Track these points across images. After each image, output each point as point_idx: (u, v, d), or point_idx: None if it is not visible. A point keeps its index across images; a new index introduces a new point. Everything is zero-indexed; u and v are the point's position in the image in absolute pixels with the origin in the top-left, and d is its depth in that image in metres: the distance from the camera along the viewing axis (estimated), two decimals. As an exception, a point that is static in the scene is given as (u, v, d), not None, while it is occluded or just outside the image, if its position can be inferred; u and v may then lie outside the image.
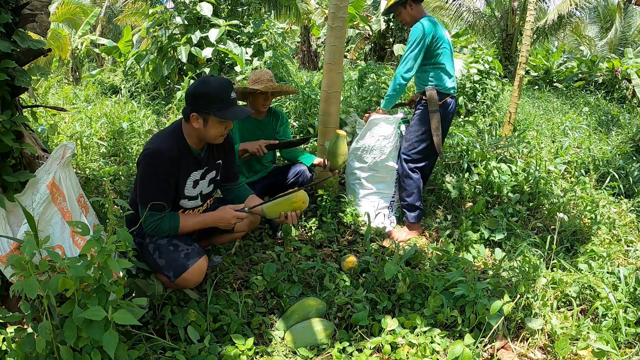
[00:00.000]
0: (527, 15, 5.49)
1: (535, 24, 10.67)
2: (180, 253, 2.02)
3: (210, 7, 6.63)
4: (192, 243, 2.11)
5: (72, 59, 11.74)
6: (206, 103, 1.95)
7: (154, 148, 1.98)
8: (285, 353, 1.97)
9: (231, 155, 2.35)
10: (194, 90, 1.97)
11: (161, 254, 2.04)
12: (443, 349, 1.91)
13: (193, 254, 2.03)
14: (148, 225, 2.03)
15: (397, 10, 3.16)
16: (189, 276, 1.99)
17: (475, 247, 2.87)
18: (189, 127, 2.04)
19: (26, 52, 1.95)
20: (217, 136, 2.06)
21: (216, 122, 2.00)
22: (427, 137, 3.16)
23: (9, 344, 1.58)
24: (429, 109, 3.11)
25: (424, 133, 3.16)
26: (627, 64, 10.29)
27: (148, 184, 2.00)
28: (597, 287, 2.31)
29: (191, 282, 2.03)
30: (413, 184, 3.20)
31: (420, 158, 3.21)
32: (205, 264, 2.07)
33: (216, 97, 1.95)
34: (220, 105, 1.96)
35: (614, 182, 3.99)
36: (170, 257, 2.01)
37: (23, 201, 1.89)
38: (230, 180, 2.41)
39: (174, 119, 5.48)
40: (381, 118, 3.30)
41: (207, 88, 1.95)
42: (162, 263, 2.03)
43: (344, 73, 6.13)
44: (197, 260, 2.01)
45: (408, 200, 3.23)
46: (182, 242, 2.08)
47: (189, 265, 1.99)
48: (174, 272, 1.99)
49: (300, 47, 15.42)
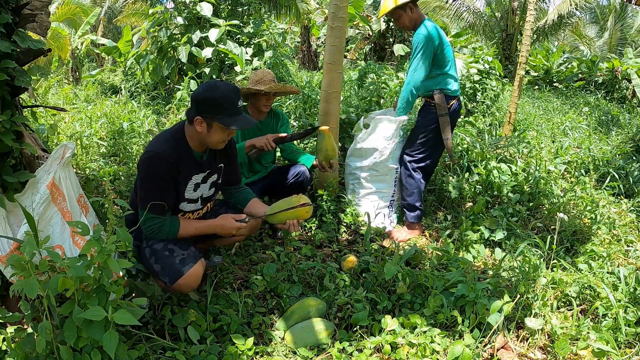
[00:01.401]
0: (527, 15, 5.48)
1: (535, 24, 10.67)
2: (175, 258, 1.99)
3: (210, 7, 6.62)
4: (189, 247, 2.08)
5: (72, 59, 11.74)
6: (212, 108, 1.93)
7: (154, 150, 1.96)
8: (285, 353, 1.97)
9: (233, 158, 2.34)
10: (201, 94, 1.95)
11: (157, 259, 2.01)
12: (443, 349, 1.91)
13: (188, 260, 2.00)
14: (148, 227, 2.01)
15: (397, 14, 3.11)
16: (184, 282, 1.96)
17: (475, 247, 2.87)
18: (192, 129, 2.02)
19: (26, 52, 1.95)
20: (219, 142, 2.04)
21: (220, 129, 1.98)
22: (431, 137, 3.16)
23: (9, 344, 1.58)
24: (438, 113, 3.10)
25: (428, 134, 3.16)
26: (627, 64, 10.28)
27: (148, 186, 1.98)
28: (597, 287, 2.31)
29: (186, 287, 2.00)
30: (414, 184, 3.20)
31: (422, 158, 3.21)
32: (201, 269, 2.04)
33: (223, 104, 1.93)
34: (226, 113, 1.95)
35: (614, 182, 3.99)
36: (165, 263, 1.99)
37: (23, 201, 1.89)
38: (233, 184, 2.40)
39: (174, 118, 5.48)
40: (384, 117, 3.30)
41: (214, 94, 1.93)
42: (157, 268, 2.00)
43: (344, 73, 6.14)
44: (193, 265, 1.98)
45: (408, 200, 3.23)
46: (178, 246, 2.05)
47: (184, 271, 1.96)
48: (169, 277, 1.96)
49: (300, 47, 15.41)
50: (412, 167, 3.22)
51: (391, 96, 5.02)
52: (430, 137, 3.17)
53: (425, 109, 3.21)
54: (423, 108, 3.24)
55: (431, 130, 3.15)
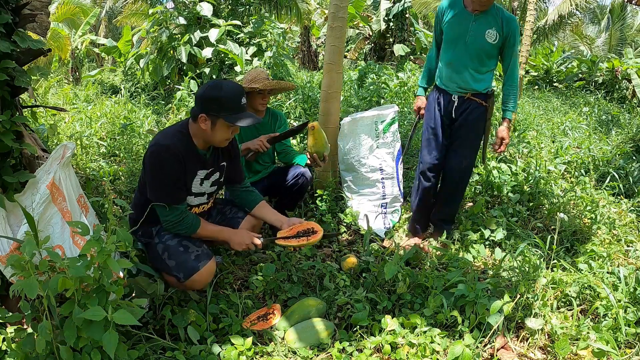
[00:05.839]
0: (527, 15, 5.49)
1: (535, 24, 10.67)
2: (190, 255, 2.04)
3: (210, 7, 6.63)
4: (202, 245, 2.13)
5: (72, 59, 11.74)
6: (217, 106, 1.97)
7: (161, 144, 2.00)
8: (285, 353, 1.97)
9: (236, 157, 2.36)
10: (206, 92, 1.99)
11: (170, 255, 2.05)
12: (443, 349, 1.91)
13: (203, 256, 2.05)
14: (168, 220, 2.05)
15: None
16: (198, 278, 2.02)
17: (475, 247, 2.86)
18: (196, 127, 2.05)
19: (26, 52, 1.95)
20: (223, 140, 2.08)
21: (224, 126, 2.01)
22: (479, 144, 2.90)
23: (9, 344, 1.58)
24: (488, 115, 2.79)
25: (478, 140, 2.88)
26: (627, 64, 10.28)
27: (160, 179, 2.01)
28: (597, 287, 2.30)
29: (200, 283, 2.06)
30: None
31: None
32: (214, 266, 2.10)
33: (227, 102, 1.97)
34: (230, 110, 1.98)
35: (614, 182, 3.98)
36: (180, 259, 2.03)
37: (23, 201, 1.89)
38: (236, 182, 2.41)
39: (174, 118, 5.48)
40: (357, 118, 3.31)
41: (219, 92, 1.97)
42: (171, 264, 2.04)
43: (344, 73, 6.14)
44: (207, 262, 2.04)
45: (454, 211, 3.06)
46: (192, 243, 2.10)
47: (200, 267, 2.01)
48: (184, 273, 2.01)
49: (300, 47, 15.42)
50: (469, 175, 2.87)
51: (391, 96, 5.02)
52: (479, 143, 2.88)
53: (478, 110, 2.78)
54: (473, 110, 2.77)
55: (480, 135, 2.86)
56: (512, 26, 2.64)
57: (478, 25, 2.62)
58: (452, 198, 2.97)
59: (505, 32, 2.62)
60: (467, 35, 2.63)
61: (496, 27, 2.61)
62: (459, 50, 2.68)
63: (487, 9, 2.61)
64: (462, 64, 2.69)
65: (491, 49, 2.65)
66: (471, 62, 2.67)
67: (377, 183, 3.35)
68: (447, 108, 2.81)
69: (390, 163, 3.37)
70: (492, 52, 2.67)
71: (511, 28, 2.63)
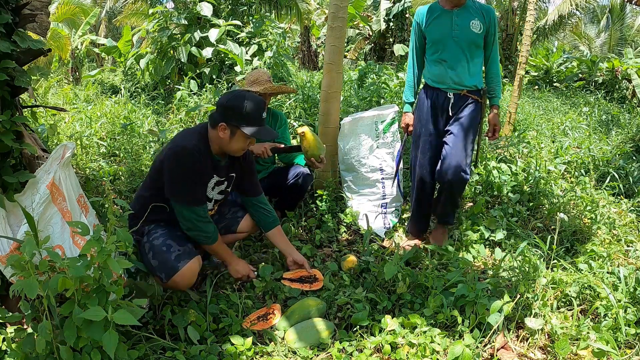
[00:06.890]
0: (527, 15, 5.49)
1: (535, 24, 10.68)
2: (171, 254, 2.01)
3: (210, 7, 6.63)
4: (186, 243, 2.10)
5: (72, 59, 11.73)
6: (238, 117, 2.01)
7: (184, 145, 2.02)
8: (285, 353, 1.97)
9: (249, 169, 2.36)
10: (229, 101, 2.02)
11: (154, 254, 2.04)
12: (443, 349, 1.91)
13: (184, 256, 2.01)
14: (188, 220, 2.06)
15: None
16: (179, 279, 1.99)
17: (475, 247, 2.86)
18: (214, 134, 2.07)
19: (26, 52, 1.95)
20: (239, 149, 2.11)
21: (242, 137, 2.05)
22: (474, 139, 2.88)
23: (9, 344, 1.58)
24: (482, 113, 2.82)
25: (474, 135, 2.86)
26: (627, 64, 10.27)
27: (182, 179, 2.03)
28: (597, 287, 2.30)
29: (182, 284, 2.02)
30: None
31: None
32: (197, 266, 2.06)
33: (249, 114, 2.01)
34: (251, 123, 2.02)
35: (614, 182, 3.98)
36: (162, 258, 2.01)
37: (23, 201, 1.89)
38: (250, 194, 2.41)
39: (174, 118, 5.48)
40: (357, 118, 3.30)
41: (242, 103, 2.01)
42: (155, 264, 2.02)
43: (344, 73, 6.13)
44: (188, 262, 2.00)
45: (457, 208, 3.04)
46: (176, 242, 2.07)
47: (179, 267, 1.98)
48: (165, 274, 1.99)
49: (300, 47, 15.40)
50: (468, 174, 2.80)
51: (391, 96, 5.01)
52: (474, 138, 2.85)
53: (472, 106, 2.80)
54: (468, 105, 2.79)
55: (475, 131, 2.84)
56: (492, 15, 2.74)
57: (461, 19, 2.69)
58: (451, 196, 2.96)
59: (487, 22, 2.71)
60: (453, 30, 2.68)
61: (478, 17, 2.69)
62: (450, 46, 2.71)
63: (464, 3, 2.70)
64: (456, 58, 2.71)
65: (478, 39, 2.71)
66: (464, 55, 2.71)
67: (377, 183, 3.35)
68: (443, 106, 2.80)
69: (390, 163, 3.37)
70: (479, 42, 2.73)
71: (491, 17, 2.73)
